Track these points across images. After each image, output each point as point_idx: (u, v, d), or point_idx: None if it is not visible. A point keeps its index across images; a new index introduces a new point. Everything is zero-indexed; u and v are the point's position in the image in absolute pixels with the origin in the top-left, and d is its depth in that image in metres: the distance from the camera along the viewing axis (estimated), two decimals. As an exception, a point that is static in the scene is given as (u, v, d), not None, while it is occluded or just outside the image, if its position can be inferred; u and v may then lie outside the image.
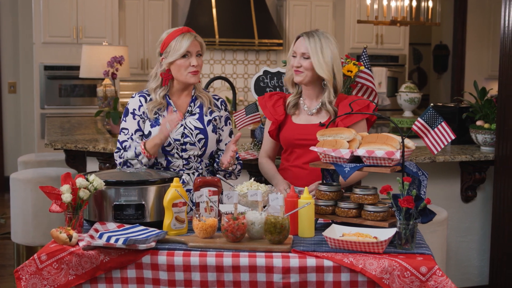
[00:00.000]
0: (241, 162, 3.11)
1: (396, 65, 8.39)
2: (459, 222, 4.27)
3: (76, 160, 4.36)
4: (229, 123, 3.12)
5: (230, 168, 3.01)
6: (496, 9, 8.73)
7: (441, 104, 5.00)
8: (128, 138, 2.96)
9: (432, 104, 3.58)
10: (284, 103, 3.09)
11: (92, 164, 4.26)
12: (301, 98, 3.07)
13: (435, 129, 2.58)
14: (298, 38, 2.98)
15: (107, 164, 4.15)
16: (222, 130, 3.09)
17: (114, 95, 5.70)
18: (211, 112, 3.04)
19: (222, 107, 3.09)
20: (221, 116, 3.08)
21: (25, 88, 7.85)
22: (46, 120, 5.93)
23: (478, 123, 4.13)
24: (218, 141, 3.09)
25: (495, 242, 4.02)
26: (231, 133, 3.13)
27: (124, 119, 3.00)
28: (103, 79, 5.92)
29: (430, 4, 6.55)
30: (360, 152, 2.49)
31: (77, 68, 6.89)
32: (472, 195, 4.21)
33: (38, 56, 7.14)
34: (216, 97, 3.12)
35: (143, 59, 7.69)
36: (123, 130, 2.99)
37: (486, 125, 4.06)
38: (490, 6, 8.84)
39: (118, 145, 2.99)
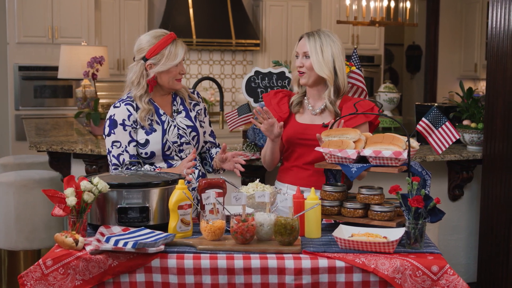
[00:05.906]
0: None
1: (371, 65, 8.43)
2: (446, 221, 4.31)
3: (60, 162, 4.27)
4: (207, 113, 3.14)
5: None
6: (468, 10, 8.87)
7: (418, 103, 5.06)
8: (122, 151, 2.84)
9: (436, 104, 3.61)
10: (289, 101, 3.07)
11: (76, 166, 4.18)
12: (305, 97, 3.05)
13: (439, 129, 2.60)
14: (300, 38, 2.98)
15: (94, 166, 4.07)
16: (204, 122, 3.11)
17: (94, 96, 5.61)
18: (194, 106, 3.05)
19: (200, 98, 3.11)
20: (201, 109, 3.10)
21: (-2, 89, 7.69)
22: (24, 122, 5.81)
23: (465, 122, 4.17)
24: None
25: (483, 240, 4.07)
26: (210, 123, 3.16)
27: (112, 131, 2.84)
28: (80, 80, 5.82)
29: (408, 5, 6.62)
30: (367, 152, 2.49)
31: (52, 68, 6.78)
32: (459, 193, 4.25)
33: (12, 56, 7.00)
34: (191, 90, 3.12)
35: (119, 59, 7.58)
36: (114, 144, 2.84)
37: (473, 125, 4.10)
38: (462, 8, 8.98)
39: (115, 160, 2.84)
